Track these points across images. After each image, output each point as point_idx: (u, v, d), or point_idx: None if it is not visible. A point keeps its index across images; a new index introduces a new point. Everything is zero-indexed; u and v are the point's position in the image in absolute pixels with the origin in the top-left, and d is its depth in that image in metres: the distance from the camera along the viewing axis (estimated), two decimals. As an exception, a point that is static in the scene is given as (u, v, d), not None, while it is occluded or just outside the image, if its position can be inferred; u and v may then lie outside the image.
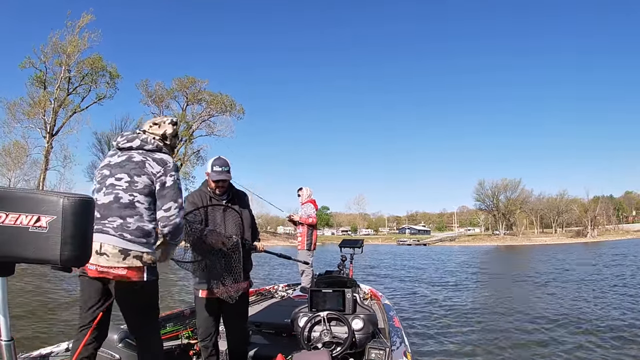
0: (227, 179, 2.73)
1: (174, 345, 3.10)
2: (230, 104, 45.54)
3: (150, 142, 2.11)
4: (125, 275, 1.90)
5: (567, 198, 76.05)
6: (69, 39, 35.31)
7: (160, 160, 2.08)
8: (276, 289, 4.89)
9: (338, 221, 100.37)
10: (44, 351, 2.56)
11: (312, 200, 5.64)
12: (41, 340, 5.03)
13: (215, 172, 2.69)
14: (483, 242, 66.00)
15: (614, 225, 75.84)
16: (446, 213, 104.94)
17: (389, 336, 3.08)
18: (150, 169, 2.03)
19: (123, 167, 2.02)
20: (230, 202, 2.83)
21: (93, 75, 37.59)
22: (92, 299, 2.04)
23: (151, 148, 2.11)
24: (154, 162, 2.05)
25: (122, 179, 2.00)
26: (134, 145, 2.09)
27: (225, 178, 2.71)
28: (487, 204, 76.07)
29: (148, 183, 2.01)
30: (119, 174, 2.01)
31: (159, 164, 2.05)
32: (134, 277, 1.92)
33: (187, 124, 44.91)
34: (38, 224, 1.15)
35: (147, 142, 2.10)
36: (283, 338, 3.25)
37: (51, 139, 35.99)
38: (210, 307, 2.80)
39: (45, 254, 1.15)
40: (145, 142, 2.10)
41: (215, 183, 2.72)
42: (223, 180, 2.72)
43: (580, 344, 5.55)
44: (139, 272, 1.93)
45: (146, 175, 2.01)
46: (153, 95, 43.91)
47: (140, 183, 2.00)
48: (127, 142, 2.10)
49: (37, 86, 35.89)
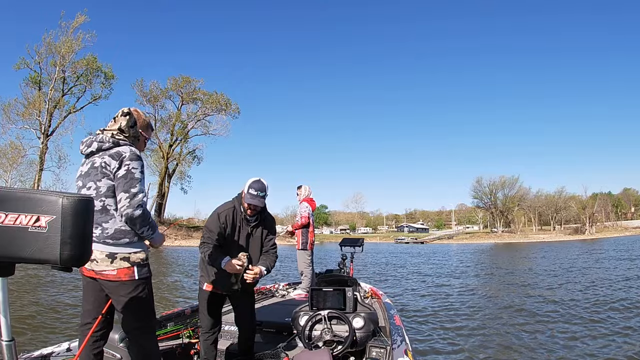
0: (260, 205, 2.74)
1: (174, 345, 3.09)
2: (226, 102, 45.45)
3: (106, 140, 2.07)
4: (116, 276, 1.97)
5: (566, 195, 75.91)
6: (63, 39, 35.25)
7: (115, 154, 2.04)
8: (277, 288, 4.89)
9: (336, 220, 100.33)
10: (45, 351, 2.56)
11: (308, 199, 5.61)
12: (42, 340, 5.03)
13: (250, 195, 2.70)
14: (481, 240, 65.89)
15: (613, 222, 75.95)
16: (445, 211, 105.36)
17: (389, 334, 3.08)
18: (108, 168, 2.02)
19: (89, 176, 2.05)
20: (257, 226, 2.85)
21: (88, 76, 37.57)
22: (91, 298, 2.12)
23: (108, 146, 2.07)
24: (110, 158, 2.03)
25: (90, 187, 2.03)
26: (93, 149, 2.08)
27: (259, 204, 2.73)
28: (484, 201, 76.05)
29: (110, 184, 2.02)
30: (88, 183, 2.04)
31: (114, 159, 2.02)
32: (124, 277, 1.98)
33: (183, 123, 44.81)
34: (38, 224, 1.15)
35: (103, 142, 2.07)
36: (284, 337, 3.25)
37: (46, 139, 35.86)
38: (214, 300, 2.81)
39: (45, 254, 1.14)
40: (102, 141, 2.07)
41: (248, 205, 2.72)
42: (255, 205, 2.72)
43: (581, 339, 5.58)
44: (129, 272, 1.99)
45: (106, 177, 2.02)
46: (148, 95, 43.75)
47: (103, 187, 2.01)
48: (87, 148, 2.10)
49: (32, 87, 35.84)
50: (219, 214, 2.75)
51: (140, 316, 2.08)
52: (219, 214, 2.75)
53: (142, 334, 2.11)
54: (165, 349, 3.00)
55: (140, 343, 2.11)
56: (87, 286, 2.12)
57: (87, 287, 2.13)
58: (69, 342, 2.70)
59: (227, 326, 3.25)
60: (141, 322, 2.09)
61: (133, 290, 2.01)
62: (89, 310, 2.13)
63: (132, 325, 2.08)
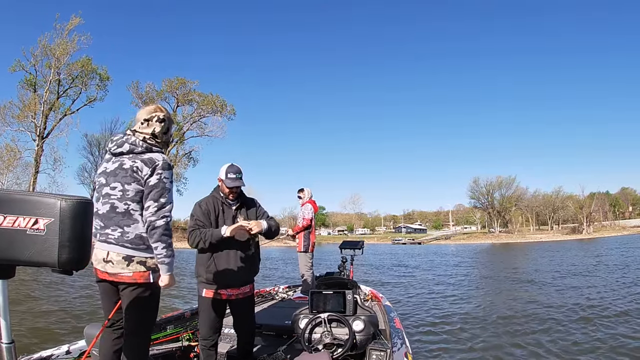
0: (240, 185, 2.85)
1: (174, 348, 3.08)
2: (221, 104, 45.58)
3: (139, 144, 2.06)
4: (132, 277, 1.98)
5: (563, 195, 76.03)
6: (57, 41, 35.23)
7: (148, 160, 2.03)
8: (277, 290, 4.86)
9: (334, 221, 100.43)
10: (45, 354, 2.54)
11: (310, 201, 5.61)
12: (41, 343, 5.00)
13: (229, 179, 2.80)
14: (478, 240, 66.04)
15: (611, 222, 76.04)
16: (443, 211, 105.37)
17: (389, 337, 3.07)
18: (140, 174, 2.00)
19: (116, 176, 2.02)
20: (240, 207, 2.91)
21: (83, 78, 37.48)
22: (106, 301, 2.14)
23: (140, 150, 2.06)
24: (142, 164, 2.01)
25: (116, 188, 2.01)
26: (124, 150, 2.06)
27: (239, 185, 2.83)
28: (482, 201, 76.29)
29: (139, 189, 2.00)
30: (113, 183, 2.02)
31: (147, 165, 2.01)
32: (140, 279, 1.99)
33: (178, 125, 44.73)
34: (36, 227, 1.14)
35: (136, 145, 2.06)
36: (284, 340, 3.23)
37: (42, 141, 35.71)
38: (214, 307, 2.80)
39: (44, 256, 1.14)
40: (135, 144, 2.06)
41: (230, 189, 2.81)
42: (237, 187, 2.83)
43: (579, 341, 5.59)
44: (145, 274, 2.00)
45: (136, 181, 2.00)
46: (144, 97, 43.86)
47: (132, 191, 2.00)
48: (118, 148, 2.08)
49: (28, 89, 35.74)
50: (199, 203, 2.86)
51: (143, 321, 2.08)
52: (200, 204, 2.86)
53: (138, 339, 2.09)
54: (165, 352, 2.99)
55: (132, 347, 2.09)
56: (102, 288, 2.13)
57: (102, 289, 2.13)
58: (69, 345, 2.68)
59: (227, 329, 3.22)
60: (142, 327, 2.08)
61: (144, 292, 2.01)
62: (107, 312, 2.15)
63: (131, 328, 2.07)
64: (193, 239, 2.74)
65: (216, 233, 2.69)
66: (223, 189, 2.85)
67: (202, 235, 2.70)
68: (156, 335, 3.13)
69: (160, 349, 3.03)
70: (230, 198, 2.86)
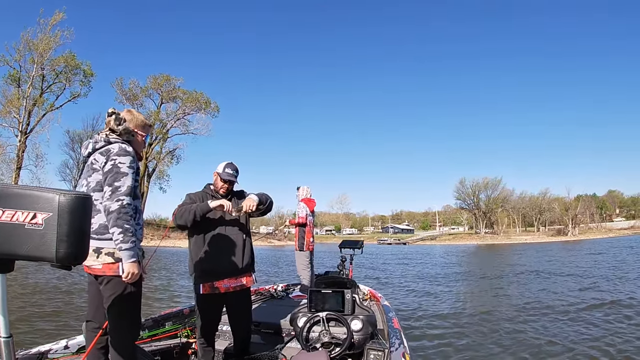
0: (235, 181, 2.94)
1: (172, 344, 3.10)
2: (205, 101, 45.01)
3: (99, 140, 2.12)
4: (101, 270, 1.99)
5: (550, 197, 76.94)
6: (40, 36, 34.62)
7: (104, 150, 2.07)
8: (275, 288, 4.83)
9: (322, 221, 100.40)
10: (43, 348, 2.53)
11: (305, 199, 5.62)
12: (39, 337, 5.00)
13: (226, 173, 2.89)
14: (464, 241, 66.80)
15: (597, 224, 77.03)
16: (431, 212, 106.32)
17: (387, 337, 3.07)
18: (98, 164, 2.05)
19: (86, 173, 2.12)
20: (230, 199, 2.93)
21: (67, 74, 36.81)
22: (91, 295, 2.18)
23: (100, 145, 2.11)
24: (100, 155, 2.06)
25: (83, 185, 2.10)
26: (90, 149, 2.13)
27: (234, 180, 2.93)
28: (467, 202, 77.28)
29: (99, 179, 2.04)
30: (82, 181, 2.13)
31: (103, 155, 2.05)
32: (108, 272, 1.99)
33: (162, 122, 44.15)
34: (34, 221, 1.14)
35: (97, 142, 2.12)
36: (282, 338, 3.22)
37: (24, 137, 34.95)
38: (211, 304, 2.81)
39: (41, 251, 1.14)
40: (96, 142, 2.13)
41: (224, 181, 2.88)
42: (231, 182, 2.91)
43: (577, 340, 5.67)
44: (113, 267, 1.98)
45: (95, 172, 2.06)
46: (127, 94, 43.11)
47: (93, 181, 2.05)
48: (85, 150, 2.17)
49: (11, 84, 34.97)
50: (189, 194, 2.93)
51: (121, 316, 2.03)
52: (190, 194, 2.92)
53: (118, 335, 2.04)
54: (163, 348, 3.01)
55: (112, 344, 2.04)
56: (90, 282, 2.16)
57: (89, 283, 2.17)
58: (67, 340, 2.67)
59: (224, 326, 3.21)
60: (121, 322, 2.03)
61: (117, 285, 1.98)
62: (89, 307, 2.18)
63: (111, 325, 2.04)
64: (180, 214, 2.73)
65: (203, 205, 2.72)
66: (217, 182, 2.92)
67: (189, 208, 2.72)
68: (154, 331, 3.15)
69: (158, 345, 3.05)
70: (221, 192, 2.91)
